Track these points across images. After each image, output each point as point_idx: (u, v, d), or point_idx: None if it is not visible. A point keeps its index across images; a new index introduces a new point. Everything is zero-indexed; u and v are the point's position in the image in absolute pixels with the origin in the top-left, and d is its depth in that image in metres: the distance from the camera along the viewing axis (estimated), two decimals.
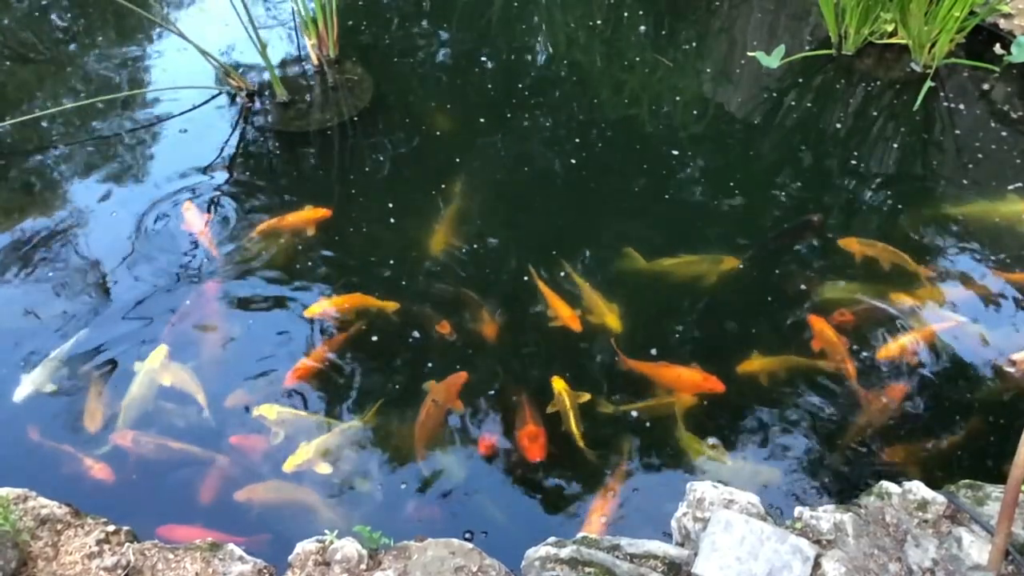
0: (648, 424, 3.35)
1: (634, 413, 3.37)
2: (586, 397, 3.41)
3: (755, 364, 3.52)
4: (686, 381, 3.46)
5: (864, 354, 3.60)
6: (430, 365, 3.54)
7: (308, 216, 4.14)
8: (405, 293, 3.81)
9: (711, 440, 3.29)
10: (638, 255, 3.95)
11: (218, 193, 4.32)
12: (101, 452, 3.21)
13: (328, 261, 3.98)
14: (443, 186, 4.34)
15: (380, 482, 3.17)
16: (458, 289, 3.83)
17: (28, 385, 3.36)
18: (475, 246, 4.05)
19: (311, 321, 3.70)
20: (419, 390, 3.43)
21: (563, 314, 3.70)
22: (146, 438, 3.25)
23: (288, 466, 3.12)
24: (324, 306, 3.71)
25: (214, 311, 3.74)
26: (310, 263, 3.96)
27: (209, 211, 4.22)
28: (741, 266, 3.94)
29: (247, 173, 4.48)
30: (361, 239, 4.08)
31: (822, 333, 3.64)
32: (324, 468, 3.14)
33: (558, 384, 3.43)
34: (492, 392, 3.46)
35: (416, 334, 3.66)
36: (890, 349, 3.58)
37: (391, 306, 3.74)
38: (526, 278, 3.86)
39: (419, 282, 3.87)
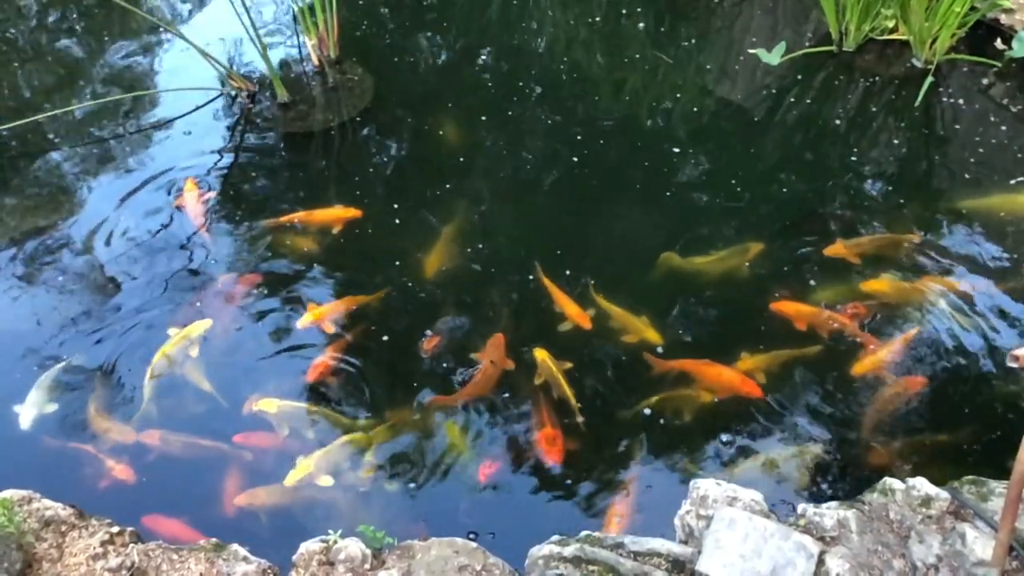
0: (660, 422, 3.34)
1: (647, 411, 3.37)
2: (568, 365, 3.44)
3: (747, 364, 3.52)
4: (725, 382, 3.42)
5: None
6: (445, 365, 3.54)
7: (338, 215, 4.14)
8: (411, 293, 3.82)
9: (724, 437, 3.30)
10: (674, 255, 3.94)
11: (221, 194, 4.33)
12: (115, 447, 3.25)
13: (332, 261, 3.98)
14: (447, 185, 4.34)
15: (383, 484, 3.16)
16: (462, 289, 3.85)
17: (30, 409, 3.32)
18: (480, 245, 4.05)
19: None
20: (425, 388, 3.45)
21: (572, 312, 3.69)
22: (160, 434, 3.27)
23: (289, 481, 3.10)
24: (316, 315, 3.68)
25: (221, 308, 3.75)
26: (315, 264, 3.96)
27: (209, 203, 4.26)
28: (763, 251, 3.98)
29: (250, 174, 4.48)
30: (366, 239, 4.08)
31: (797, 313, 3.66)
32: (326, 481, 3.13)
33: (540, 354, 3.46)
34: (505, 394, 3.45)
35: (428, 332, 3.65)
36: (864, 364, 3.52)
37: (379, 295, 3.77)
38: (531, 277, 3.86)
39: (425, 281, 3.87)
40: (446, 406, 3.36)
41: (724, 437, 3.30)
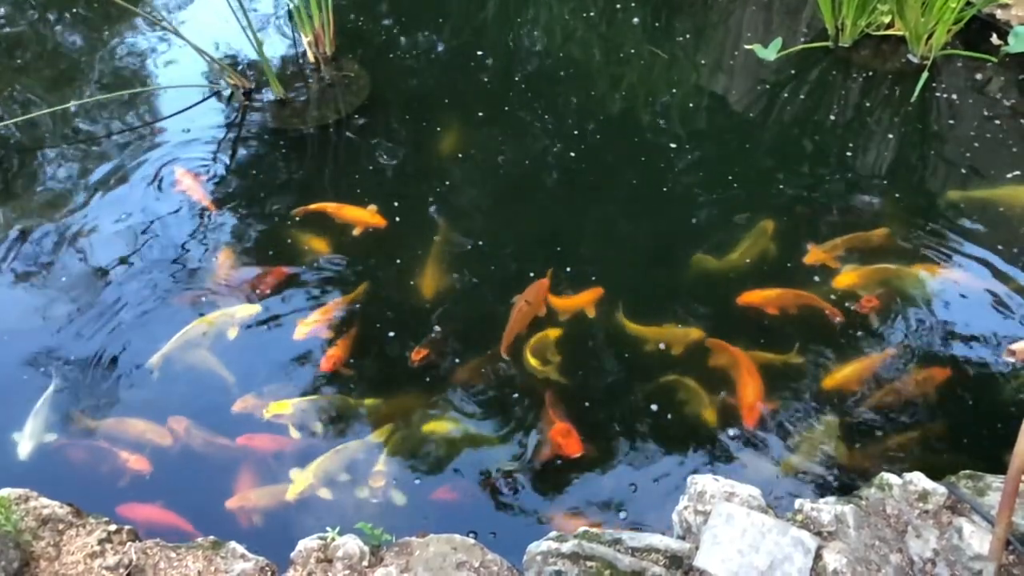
0: (658, 417, 3.35)
1: (654, 407, 3.37)
2: (557, 358, 3.51)
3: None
4: (748, 392, 3.37)
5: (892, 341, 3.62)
6: (457, 361, 3.54)
7: (364, 218, 4.11)
8: (410, 290, 3.81)
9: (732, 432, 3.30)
10: (708, 257, 3.94)
11: (218, 190, 4.32)
12: None
13: (331, 258, 3.97)
14: (446, 182, 4.34)
15: (384, 483, 3.16)
16: (461, 286, 3.85)
17: (27, 441, 3.24)
18: (480, 242, 4.04)
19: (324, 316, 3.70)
20: (426, 387, 3.46)
21: (578, 302, 3.71)
22: (161, 431, 3.27)
23: (290, 495, 3.08)
24: (310, 324, 3.64)
25: (223, 303, 3.76)
26: (314, 261, 3.95)
27: (205, 184, 4.32)
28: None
29: (247, 171, 4.47)
30: (365, 236, 4.06)
31: (765, 300, 3.70)
32: (328, 490, 3.11)
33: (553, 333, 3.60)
34: (515, 395, 3.45)
35: (438, 327, 3.66)
36: (836, 378, 3.49)
37: (361, 288, 3.78)
38: (532, 273, 3.84)
39: (423, 278, 3.86)
40: (507, 353, 3.51)
41: (722, 432, 3.30)
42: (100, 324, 3.64)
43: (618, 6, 5.70)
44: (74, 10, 5.68)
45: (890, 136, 4.75)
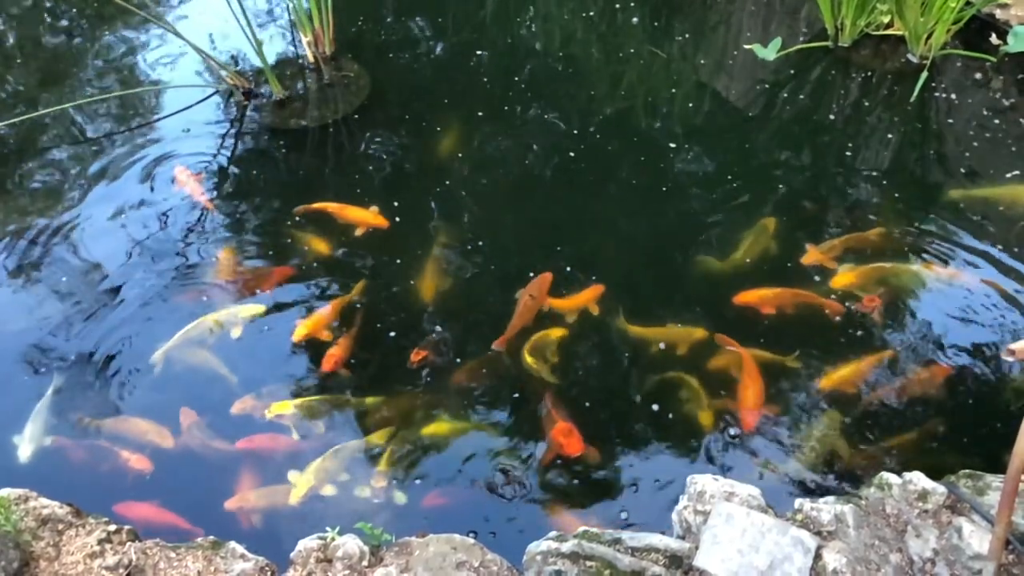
0: (658, 417, 3.34)
1: (655, 406, 3.37)
2: (555, 360, 3.51)
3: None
4: (749, 394, 3.37)
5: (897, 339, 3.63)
6: (457, 361, 3.54)
7: (367, 219, 4.09)
8: (410, 290, 3.81)
9: (732, 431, 3.30)
10: (710, 258, 3.95)
11: (217, 190, 4.32)
12: None
13: (330, 258, 3.97)
14: (446, 181, 4.34)
15: (383, 483, 3.16)
16: (461, 285, 3.85)
17: (27, 444, 3.22)
18: (480, 242, 4.04)
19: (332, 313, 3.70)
20: (424, 387, 3.45)
21: (578, 301, 3.70)
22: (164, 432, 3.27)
23: (293, 498, 3.08)
24: (310, 326, 3.63)
25: (223, 302, 3.76)
26: (316, 263, 3.95)
27: (203, 182, 4.32)
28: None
29: (247, 171, 4.48)
30: (364, 236, 4.06)
31: (762, 299, 3.69)
32: (329, 490, 3.11)
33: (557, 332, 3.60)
34: (517, 395, 3.44)
35: (439, 327, 3.66)
36: (836, 377, 3.48)
37: (359, 287, 3.78)
38: (532, 273, 3.84)
39: (423, 278, 3.86)
40: (502, 346, 3.54)
41: (723, 432, 3.30)
42: (100, 323, 3.64)
43: (618, 6, 5.70)
44: (73, 9, 5.68)
45: (890, 136, 4.75)
